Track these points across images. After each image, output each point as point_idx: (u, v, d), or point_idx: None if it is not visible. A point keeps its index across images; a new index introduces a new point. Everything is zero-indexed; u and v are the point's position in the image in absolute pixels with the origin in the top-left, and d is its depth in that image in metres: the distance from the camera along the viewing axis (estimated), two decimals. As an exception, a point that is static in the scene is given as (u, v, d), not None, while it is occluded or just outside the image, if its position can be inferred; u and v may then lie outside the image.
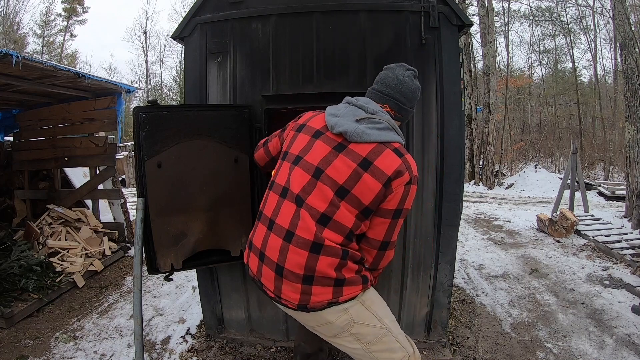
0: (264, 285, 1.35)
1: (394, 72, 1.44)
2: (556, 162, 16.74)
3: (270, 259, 1.30)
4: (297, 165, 1.34)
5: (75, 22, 23.56)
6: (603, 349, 2.36)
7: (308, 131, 1.40)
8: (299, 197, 1.29)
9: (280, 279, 1.28)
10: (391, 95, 1.40)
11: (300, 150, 1.37)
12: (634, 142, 5.61)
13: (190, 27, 2.17)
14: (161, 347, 2.49)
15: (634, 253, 3.96)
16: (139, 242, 1.86)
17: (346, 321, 1.31)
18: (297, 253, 1.25)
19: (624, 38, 5.67)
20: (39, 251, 3.67)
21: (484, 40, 12.09)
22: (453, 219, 2.12)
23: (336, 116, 1.35)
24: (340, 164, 1.28)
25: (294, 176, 1.33)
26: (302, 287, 1.25)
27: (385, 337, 1.35)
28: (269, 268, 1.31)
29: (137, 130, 1.84)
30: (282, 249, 1.28)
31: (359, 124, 1.29)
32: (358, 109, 1.36)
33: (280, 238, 1.29)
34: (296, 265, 1.25)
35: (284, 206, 1.32)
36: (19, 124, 4.80)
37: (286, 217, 1.30)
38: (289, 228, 1.28)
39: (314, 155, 1.33)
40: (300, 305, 1.28)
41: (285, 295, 1.29)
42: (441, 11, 2.00)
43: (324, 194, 1.27)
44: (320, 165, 1.30)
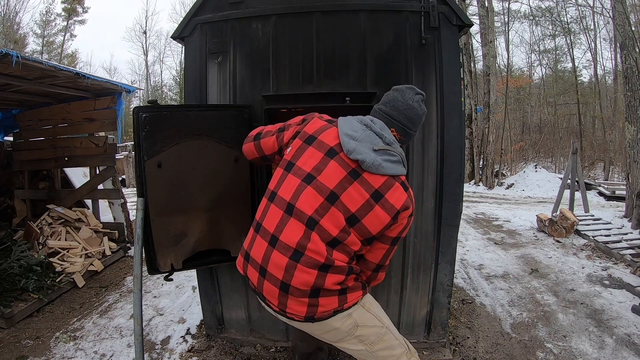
0: (267, 299, 1.34)
1: (403, 96, 1.42)
2: (556, 162, 16.74)
3: (274, 276, 1.29)
4: (309, 185, 1.31)
5: (75, 22, 23.57)
6: (603, 349, 2.36)
7: (320, 147, 1.36)
8: (312, 220, 1.28)
9: (286, 295, 1.28)
10: (399, 120, 1.41)
11: (313, 168, 1.33)
12: (634, 142, 5.61)
13: (190, 27, 2.17)
14: (161, 347, 2.49)
15: (634, 253, 3.96)
16: (139, 242, 1.86)
17: (350, 325, 1.34)
18: (306, 272, 1.26)
19: (624, 38, 5.67)
20: (39, 251, 3.67)
21: (484, 40, 12.09)
22: (453, 219, 2.12)
23: (354, 139, 1.32)
24: (355, 192, 1.29)
25: (305, 195, 1.30)
26: (309, 301, 1.27)
27: (385, 335, 1.40)
28: (272, 285, 1.29)
29: (137, 130, 1.84)
30: (289, 267, 1.27)
31: (377, 155, 1.30)
32: (376, 136, 1.35)
33: (286, 257, 1.27)
34: (304, 283, 1.26)
35: (291, 224, 1.29)
36: (19, 124, 4.80)
37: (293, 236, 1.28)
38: (296, 248, 1.27)
39: (329, 177, 1.31)
40: (307, 317, 1.29)
41: (291, 309, 1.29)
42: (441, 11, 2.00)
43: (337, 219, 1.28)
44: (335, 190, 1.29)
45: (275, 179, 1.41)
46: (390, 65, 2.03)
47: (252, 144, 1.60)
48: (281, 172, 1.40)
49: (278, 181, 1.39)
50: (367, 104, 2.03)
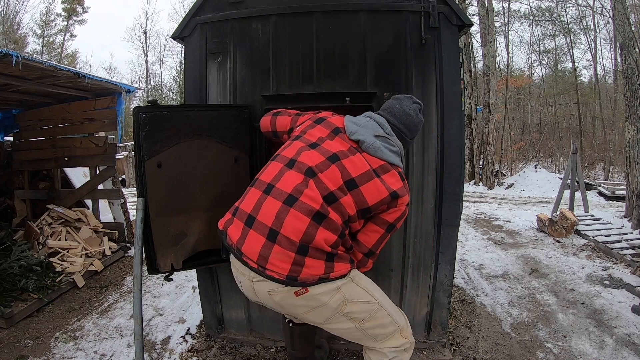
0: (245, 254, 1.25)
1: (401, 104, 1.52)
2: (556, 162, 16.74)
3: (263, 222, 1.23)
4: (313, 149, 1.37)
5: (75, 22, 23.58)
6: (603, 349, 2.36)
7: (327, 125, 1.46)
8: (311, 170, 1.29)
9: (272, 244, 1.20)
10: (396, 126, 1.49)
11: (318, 138, 1.41)
12: (634, 142, 5.61)
13: (190, 27, 2.17)
14: (161, 347, 2.49)
15: (634, 253, 3.96)
16: (139, 242, 1.86)
17: (339, 300, 1.28)
18: (298, 218, 1.21)
19: (624, 38, 5.67)
20: (39, 251, 3.67)
21: (484, 40, 12.08)
22: (453, 219, 2.12)
23: (357, 125, 1.42)
24: (357, 160, 1.33)
25: (307, 154, 1.35)
26: (295, 257, 1.20)
27: (377, 312, 1.36)
28: (259, 233, 1.23)
29: (137, 130, 1.84)
30: (280, 212, 1.23)
31: (377, 140, 1.37)
32: (378, 125, 1.44)
33: (279, 201, 1.24)
34: (294, 231, 1.20)
35: (289, 174, 1.31)
36: (19, 124, 4.80)
37: (290, 183, 1.28)
38: (291, 192, 1.25)
39: (333, 145, 1.38)
40: (289, 277, 1.20)
41: (272, 265, 1.20)
42: (441, 11, 2.00)
43: (335, 177, 1.29)
44: (338, 153, 1.34)
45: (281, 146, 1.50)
46: (390, 65, 2.03)
47: (270, 117, 1.74)
48: (289, 142, 1.49)
49: (283, 147, 1.47)
50: (367, 104, 2.03)
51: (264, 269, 1.21)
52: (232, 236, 1.31)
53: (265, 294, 1.27)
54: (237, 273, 1.37)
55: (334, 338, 2.29)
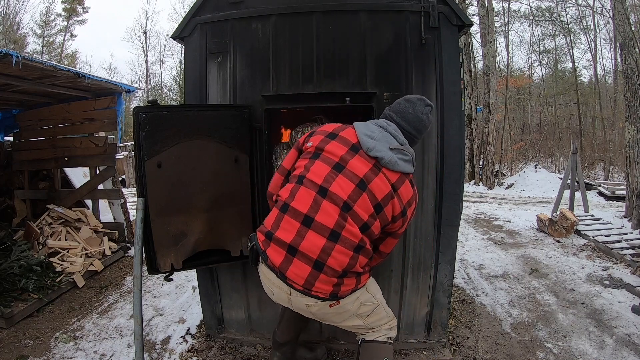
0: (289, 278, 1.39)
1: (414, 107, 1.55)
2: (556, 162, 16.74)
3: (309, 255, 1.36)
4: (340, 173, 1.41)
5: (75, 22, 23.57)
6: (603, 349, 2.36)
7: (343, 142, 1.48)
8: (347, 204, 1.38)
9: (318, 273, 1.36)
10: (408, 130, 1.55)
11: (340, 158, 1.44)
12: (634, 142, 5.61)
13: (190, 27, 2.17)
14: (161, 347, 2.49)
15: (634, 253, 3.96)
16: (139, 242, 1.86)
17: (357, 305, 1.52)
18: (343, 253, 1.37)
19: (624, 38, 5.67)
20: (39, 251, 3.67)
21: (484, 40, 12.09)
22: (453, 219, 2.12)
23: (372, 139, 1.46)
24: (380, 182, 1.42)
25: (338, 182, 1.40)
26: (337, 281, 1.39)
27: (377, 309, 1.61)
28: (304, 263, 1.37)
29: (137, 130, 1.84)
30: (326, 247, 1.36)
31: (393, 154, 1.44)
32: (392, 137, 1.49)
33: (323, 237, 1.36)
34: (339, 264, 1.37)
35: (326, 206, 1.38)
36: (19, 124, 4.80)
37: (330, 218, 1.37)
38: (334, 229, 1.36)
39: (356, 167, 1.42)
40: (332, 295, 1.40)
41: (317, 288, 1.38)
42: (441, 11, 2.00)
43: (367, 206, 1.40)
44: (364, 179, 1.41)
45: (300, 167, 1.51)
46: (390, 66, 2.03)
47: (277, 173, 1.66)
48: (307, 160, 1.49)
49: (305, 167, 1.48)
50: (367, 104, 2.03)
51: (310, 291, 1.39)
52: (274, 259, 1.41)
53: (303, 305, 1.46)
54: (270, 284, 1.49)
55: (333, 338, 2.29)
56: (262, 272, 1.51)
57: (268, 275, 1.46)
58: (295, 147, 1.64)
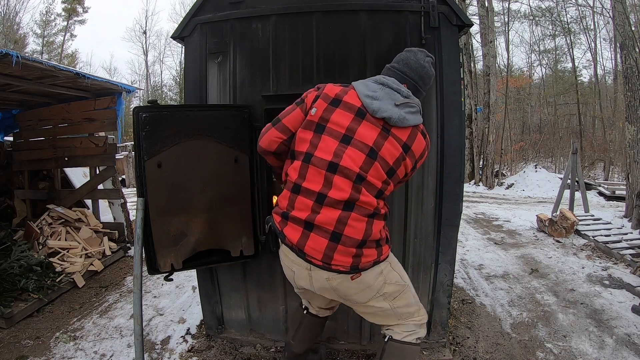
0: (308, 254, 1.37)
1: (416, 55, 1.52)
2: (556, 162, 16.73)
3: (325, 228, 1.35)
4: (349, 145, 1.38)
5: (75, 22, 23.58)
6: (603, 349, 2.36)
7: (348, 108, 1.42)
8: (360, 175, 1.36)
9: (336, 245, 1.34)
10: (411, 77, 1.49)
11: (346, 128, 1.39)
12: (634, 142, 5.61)
13: (190, 27, 2.17)
14: (161, 347, 2.49)
15: (634, 253, 3.96)
16: (139, 242, 1.86)
17: (381, 283, 1.46)
18: (359, 220, 1.35)
19: (624, 38, 5.67)
20: (39, 251, 3.67)
21: (484, 40, 12.08)
22: (453, 219, 2.12)
23: (375, 99, 1.40)
24: (390, 147, 1.39)
25: (348, 154, 1.37)
26: (355, 251, 1.36)
27: (405, 292, 1.54)
28: (321, 236, 1.35)
29: (137, 130, 1.84)
30: (342, 217, 1.34)
31: (400, 110, 1.39)
32: (394, 92, 1.43)
33: (338, 209, 1.35)
34: (356, 232, 1.35)
35: (338, 181, 1.36)
36: (19, 124, 4.80)
37: (343, 191, 1.35)
38: (348, 199, 1.35)
39: (365, 135, 1.38)
40: (353, 267, 1.37)
41: (337, 260, 1.36)
42: (441, 11, 1.99)
43: (379, 173, 1.39)
44: (374, 147, 1.38)
45: (304, 141, 1.43)
46: (390, 65, 2.03)
47: (274, 128, 1.52)
48: (311, 135, 1.42)
49: (311, 143, 1.41)
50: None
51: (329, 265, 1.36)
52: (291, 237, 1.40)
53: (324, 280, 1.42)
54: (290, 263, 1.47)
55: (333, 338, 2.29)
56: (282, 252, 1.50)
57: (288, 254, 1.44)
58: (301, 107, 1.51)
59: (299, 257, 1.40)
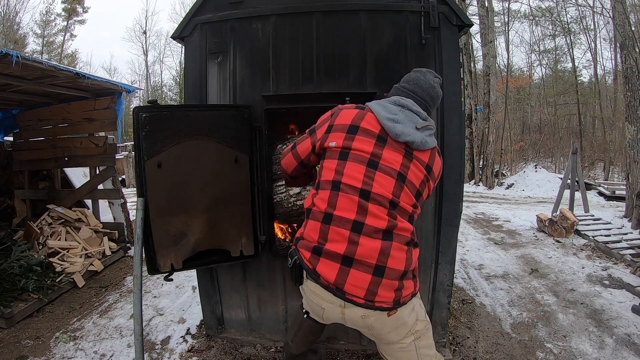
0: (348, 292, 1.28)
1: (425, 76, 1.53)
2: (556, 162, 16.73)
3: (367, 262, 1.27)
4: (377, 170, 1.35)
5: (75, 22, 23.56)
6: (603, 349, 2.36)
7: (367, 134, 1.39)
8: (393, 202, 1.33)
9: (380, 279, 1.27)
10: (422, 98, 1.50)
11: (371, 153, 1.36)
12: (634, 142, 5.61)
13: (190, 27, 2.17)
14: (161, 347, 2.49)
15: (634, 253, 3.96)
16: (139, 242, 1.86)
17: (414, 319, 1.39)
18: (401, 250, 1.31)
19: (624, 38, 5.67)
20: (39, 251, 3.67)
21: (484, 40, 12.08)
22: (453, 219, 2.12)
23: (396, 122, 1.38)
24: (416, 170, 1.39)
25: (378, 181, 1.33)
26: (398, 284, 1.30)
27: (428, 331, 1.47)
28: (363, 272, 1.27)
29: (137, 130, 1.84)
30: (384, 249, 1.28)
31: (422, 133, 1.39)
32: (415, 115, 1.42)
33: (378, 239, 1.29)
34: (399, 262, 1.30)
35: (373, 209, 1.31)
36: (19, 124, 4.80)
37: (381, 219, 1.30)
38: (386, 229, 1.30)
39: (391, 159, 1.37)
40: (395, 302, 1.30)
41: (381, 297, 1.28)
42: (441, 11, 2.00)
43: (409, 197, 1.37)
44: (401, 171, 1.37)
45: (330, 170, 1.40)
46: (390, 65, 2.03)
47: (291, 154, 1.60)
48: (336, 162, 1.39)
49: (336, 171, 1.38)
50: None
51: (373, 302, 1.28)
52: (327, 276, 1.30)
53: (358, 317, 1.34)
54: (320, 300, 1.38)
55: (333, 338, 2.29)
56: (308, 289, 1.40)
57: (319, 292, 1.35)
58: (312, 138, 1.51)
59: (335, 297, 1.31)
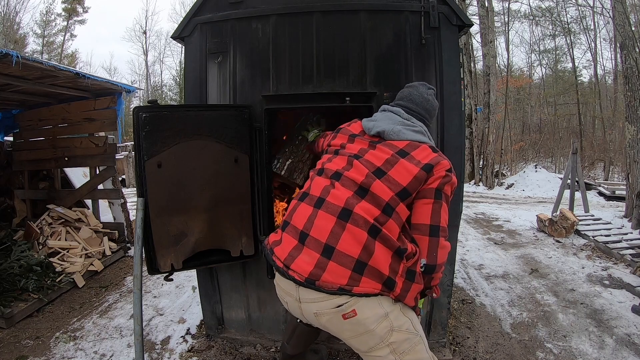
0: (292, 269, 1.23)
1: (418, 90, 1.56)
2: (556, 162, 16.74)
3: (317, 239, 1.23)
4: (336, 156, 1.45)
5: (75, 22, 23.55)
6: (603, 349, 2.36)
7: (345, 132, 1.54)
8: (337, 173, 1.37)
9: (326, 262, 1.20)
10: (417, 111, 1.52)
11: (339, 145, 1.49)
12: (634, 142, 5.61)
13: (190, 27, 2.17)
14: (161, 347, 2.49)
15: (634, 253, 3.96)
16: (139, 242, 1.86)
17: (386, 328, 1.23)
18: (358, 234, 1.22)
19: (624, 38, 5.67)
20: (39, 251, 3.67)
21: (484, 40, 12.08)
22: (453, 219, 2.10)
23: (373, 121, 1.48)
24: (378, 152, 1.37)
25: (334, 161, 1.43)
26: (350, 274, 1.19)
27: (418, 345, 1.29)
28: (314, 250, 1.23)
29: (137, 130, 1.84)
30: (334, 228, 1.23)
31: (396, 125, 1.41)
32: (394, 114, 1.48)
33: (333, 217, 1.25)
34: (351, 247, 1.22)
35: (337, 190, 1.33)
36: (19, 124, 4.80)
37: (339, 199, 1.29)
38: (344, 206, 1.26)
39: (352, 148, 1.43)
40: (341, 288, 1.17)
41: (325, 279, 1.19)
42: (441, 11, 2.00)
43: (359, 171, 1.33)
44: (358, 153, 1.39)
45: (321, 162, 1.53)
46: (390, 65, 2.03)
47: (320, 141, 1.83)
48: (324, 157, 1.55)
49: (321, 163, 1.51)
50: (367, 104, 2.03)
51: (313, 282, 1.19)
52: (283, 251, 1.30)
53: (313, 315, 1.26)
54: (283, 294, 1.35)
55: (333, 338, 2.29)
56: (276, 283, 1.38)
57: (279, 282, 1.33)
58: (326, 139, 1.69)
59: (286, 280, 1.26)
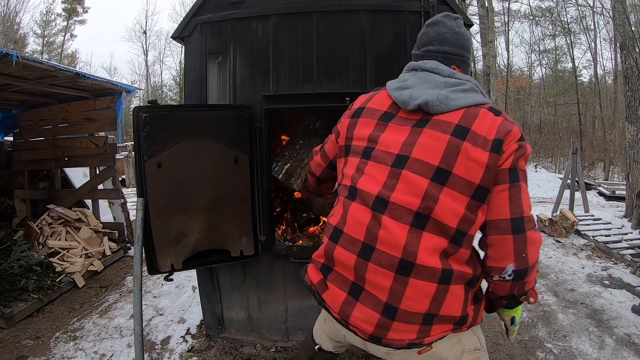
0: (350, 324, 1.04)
1: (446, 26, 1.14)
2: (556, 162, 16.74)
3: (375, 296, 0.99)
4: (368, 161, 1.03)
5: (75, 22, 23.56)
6: (603, 349, 2.36)
7: (370, 114, 1.09)
8: (379, 199, 0.97)
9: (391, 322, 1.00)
10: (456, 53, 1.13)
11: (368, 138, 1.06)
12: (634, 142, 5.61)
13: (190, 27, 2.17)
14: (161, 347, 2.49)
15: (634, 253, 3.96)
16: (139, 242, 1.86)
17: (458, 352, 1.06)
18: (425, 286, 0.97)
19: (624, 38, 5.67)
20: (39, 251, 3.67)
21: (484, 40, 12.08)
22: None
23: (405, 89, 1.05)
24: (429, 140, 0.96)
25: (369, 173, 1.02)
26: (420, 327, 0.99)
27: (482, 359, 1.13)
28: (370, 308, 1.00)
29: (137, 130, 1.84)
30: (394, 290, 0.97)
31: (440, 90, 1.00)
32: (430, 73, 1.05)
33: (391, 271, 0.96)
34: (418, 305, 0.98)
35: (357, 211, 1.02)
36: (19, 124, 4.80)
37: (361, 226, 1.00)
38: (364, 241, 0.99)
39: (389, 141, 1.02)
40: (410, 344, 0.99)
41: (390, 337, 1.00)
42: (441, 11, 1.99)
43: (411, 188, 0.95)
44: (402, 152, 0.99)
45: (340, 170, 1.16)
46: (391, 65, 2.03)
47: (319, 155, 1.38)
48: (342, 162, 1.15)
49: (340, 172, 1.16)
50: (367, 104, 2.03)
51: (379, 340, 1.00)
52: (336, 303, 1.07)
53: (382, 353, 1.09)
54: (341, 327, 1.11)
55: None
56: (327, 316, 1.19)
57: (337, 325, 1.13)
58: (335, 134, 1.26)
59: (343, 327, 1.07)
